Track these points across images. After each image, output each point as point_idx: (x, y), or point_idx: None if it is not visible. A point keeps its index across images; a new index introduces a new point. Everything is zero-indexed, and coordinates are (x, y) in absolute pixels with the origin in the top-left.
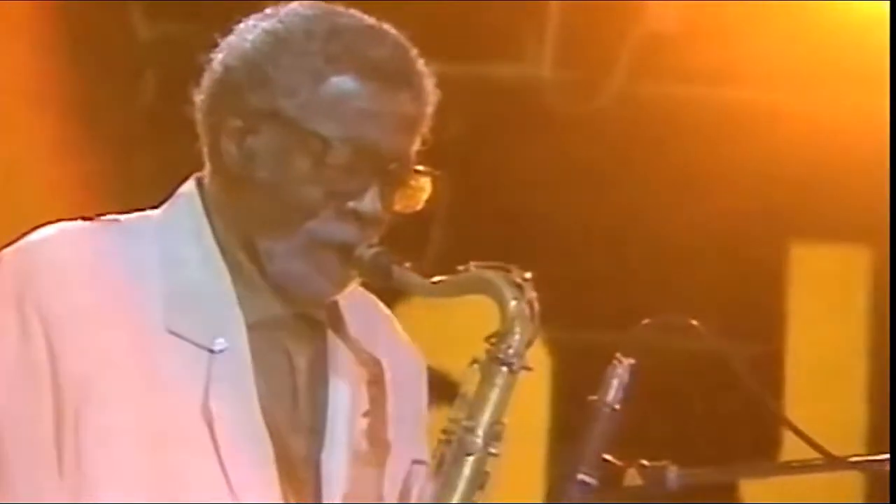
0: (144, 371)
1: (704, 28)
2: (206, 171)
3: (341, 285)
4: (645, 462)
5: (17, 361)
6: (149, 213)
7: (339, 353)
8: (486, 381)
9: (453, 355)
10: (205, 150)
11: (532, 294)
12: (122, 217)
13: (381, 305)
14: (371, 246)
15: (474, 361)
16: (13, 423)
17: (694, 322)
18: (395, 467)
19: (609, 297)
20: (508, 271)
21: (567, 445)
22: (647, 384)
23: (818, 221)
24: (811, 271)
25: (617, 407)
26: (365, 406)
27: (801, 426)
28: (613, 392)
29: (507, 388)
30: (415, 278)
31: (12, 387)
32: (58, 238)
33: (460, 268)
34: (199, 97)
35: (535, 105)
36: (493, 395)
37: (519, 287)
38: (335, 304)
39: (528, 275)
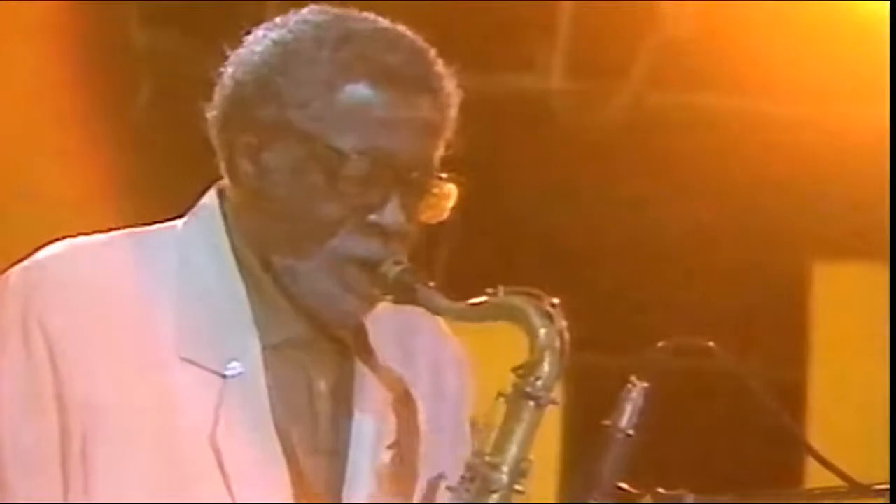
0: (154, 398)
1: (721, 34)
2: (227, 184)
3: (371, 303)
4: (661, 490)
5: (21, 384)
6: (172, 223)
7: (366, 379)
8: (513, 415)
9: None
10: (222, 165)
11: (562, 323)
12: (144, 229)
13: (422, 314)
14: (397, 263)
15: (500, 395)
16: (17, 445)
17: (711, 344)
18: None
19: (623, 317)
20: (539, 298)
21: (579, 472)
22: (662, 408)
23: (841, 239)
24: (834, 291)
25: (631, 432)
26: (391, 436)
27: (823, 451)
28: (627, 417)
29: (534, 424)
30: (440, 300)
31: (16, 410)
32: (66, 256)
33: (489, 290)
34: (211, 113)
35: (545, 116)
36: (520, 431)
37: (549, 316)
38: (361, 326)
39: (557, 301)
